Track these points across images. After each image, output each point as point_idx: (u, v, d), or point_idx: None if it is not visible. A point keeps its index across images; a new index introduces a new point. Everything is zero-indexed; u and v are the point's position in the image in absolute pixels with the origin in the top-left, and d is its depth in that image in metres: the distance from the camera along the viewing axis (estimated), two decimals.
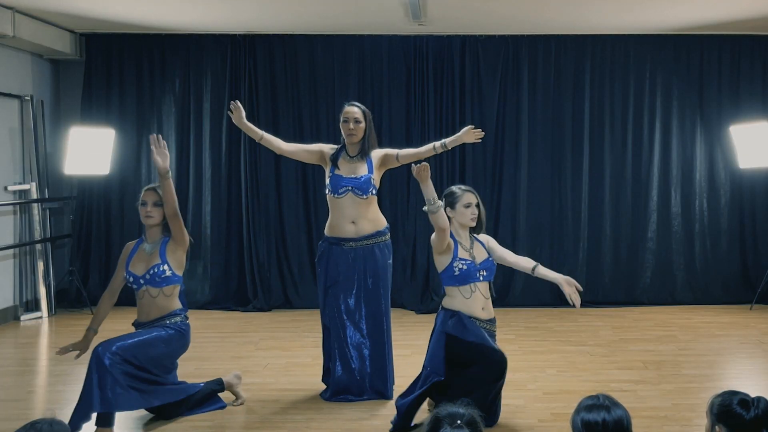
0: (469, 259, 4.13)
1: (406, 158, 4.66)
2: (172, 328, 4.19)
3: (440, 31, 7.33)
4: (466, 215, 4.17)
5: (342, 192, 4.53)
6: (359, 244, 4.56)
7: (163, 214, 4.20)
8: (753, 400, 2.47)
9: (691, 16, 6.73)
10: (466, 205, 4.17)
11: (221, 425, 4.21)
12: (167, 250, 4.21)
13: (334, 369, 4.61)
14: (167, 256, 4.20)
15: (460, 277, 4.11)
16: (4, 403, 4.59)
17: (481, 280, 4.15)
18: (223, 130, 7.50)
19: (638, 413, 4.06)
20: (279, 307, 7.44)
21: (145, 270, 4.17)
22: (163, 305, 4.20)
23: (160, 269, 4.16)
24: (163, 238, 4.23)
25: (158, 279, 4.16)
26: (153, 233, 4.25)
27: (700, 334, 6.31)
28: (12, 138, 7.06)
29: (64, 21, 7.01)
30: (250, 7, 6.48)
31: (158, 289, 4.18)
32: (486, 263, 4.18)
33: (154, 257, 4.19)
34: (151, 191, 4.23)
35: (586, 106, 7.51)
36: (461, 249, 4.14)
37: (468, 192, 4.22)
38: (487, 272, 4.19)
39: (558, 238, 7.56)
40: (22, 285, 7.11)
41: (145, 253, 4.22)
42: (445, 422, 2.09)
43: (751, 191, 7.50)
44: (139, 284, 4.19)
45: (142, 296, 4.20)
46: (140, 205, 4.24)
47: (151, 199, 4.20)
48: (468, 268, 4.10)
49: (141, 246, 4.27)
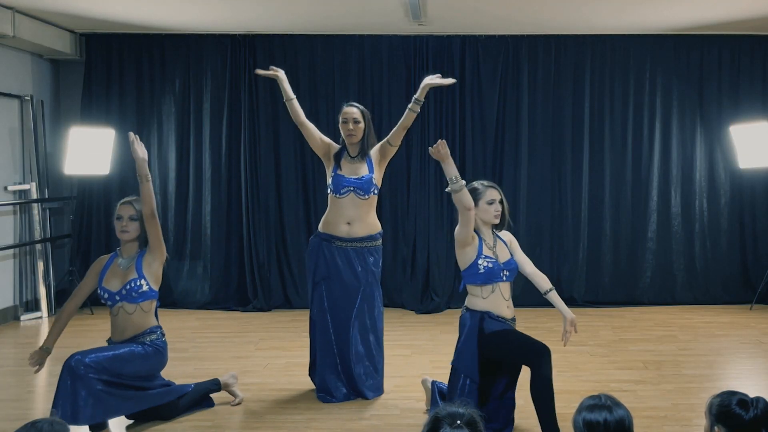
0: (493, 257, 3.98)
1: (396, 137, 4.62)
2: (150, 345, 4.05)
3: (440, 31, 7.33)
4: (490, 212, 4.00)
5: (344, 192, 4.54)
6: (349, 245, 4.57)
7: (140, 228, 4.08)
8: (752, 400, 2.47)
9: (691, 16, 6.73)
10: (489, 202, 4.01)
11: (221, 425, 4.21)
12: (143, 263, 4.08)
13: (318, 365, 4.62)
14: (144, 270, 4.07)
15: (484, 276, 3.94)
16: (4, 403, 4.59)
17: (504, 280, 3.99)
18: (223, 130, 7.50)
19: (638, 413, 4.05)
20: (279, 307, 7.44)
21: (120, 285, 4.02)
22: (138, 322, 4.05)
23: (137, 284, 4.02)
24: (139, 252, 4.11)
25: (135, 294, 4.02)
26: (128, 248, 4.13)
27: (700, 334, 6.31)
28: (12, 138, 7.06)
29: (64, 21, 7.01)
30: (250, 7, 6.48)
31: (135, 305, 4.03)
32: (509, 263, 4.02)
33: (131, 272, 4.05)
34: (127, 205, 4.10)
35: (586, 106, 7.51)
36: (485, 246, 3.97)
37: (491, 188, 4.05)
38: (510, 273, 4.03)
39: (558, 238, 7.56)
40: (22, 285, 7.11)
41: (120, 269, 4.08)
42: (444, 422, 2.09)
43: (751, 191, 7.50)
44: (114, 300, 4.02)
45: (117, 313, 4.03)
46: (115, 220, 4.10)
47: (126, 213, 4.08)
48: (493, 266, 3.94)
49: (115, 261, 4.13)
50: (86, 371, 3.78)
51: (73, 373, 3.77)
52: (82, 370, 3.77)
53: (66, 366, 3.80)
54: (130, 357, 3.95)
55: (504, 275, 3.99)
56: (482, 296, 3.97)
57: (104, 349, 4.00)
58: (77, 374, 3.77)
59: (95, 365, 3.81)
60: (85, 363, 3.79)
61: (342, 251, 4.57)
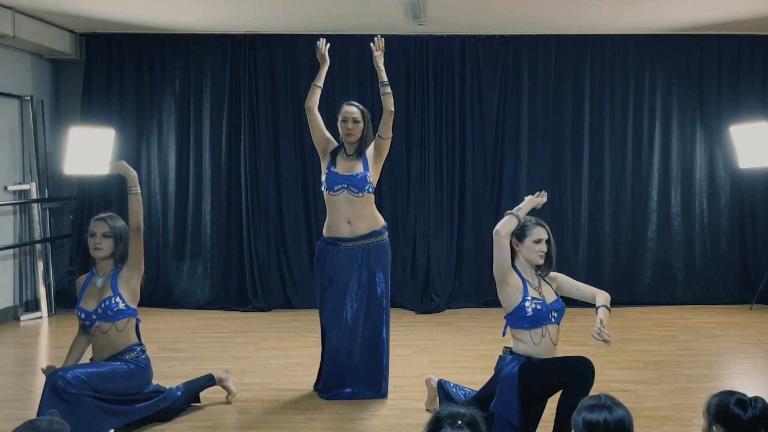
0: (540, 298, 3.75)
1: (384, 128, 4.59)
2: (132, 362, 3.96)
3: (440, 31, 7.33)
4: (534, 251, 3.77)
5: (338, 189, 4.53)
6: (355, 244, 4.56)
7: (113, 245, 3.97)
8: (750, 400, 2.47)
9: (691, 16, 6.73)
10: (536, 241, 3.77)
11: (221, 425, 4.21)
12: (119, 280, 3.97)
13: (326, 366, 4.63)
14: (119, 288, 3.96)
15: (532, 319, 3.71)
16: (4, 403, 4.59)
17: (552, 322, 3.77)
18: (223, 130, 7.50)
19: (638, 413, 4.06)
20: (279, 307, 7.44)
21: (96, 304, 3.93)
22: (116, 341, 3.95)
23: (112, 302, 3.91)
24: (114, 269, 4.00)
25: (110, 313, 3.91)
26: (104, 266, 4.01)
27: (700, 334, 6.31)
28: (12, 138, 7.06)
29: (64, 21, 7.01)
30: (250, 7, 6.48)
31: (110, 324, 3.92)
32: (556, 304, 3.81)
33: (106, 290, 3.95)
34: (101, 221, 4.00)
35: (586, 106, 7.51)
36: (530, 288, 3.75)
37: (539, 226, 3.80)
38: (558, 313, 3.81)
39: (558, 238, 7.51)
40: (22, 285, 7.11)
41: (96, 288, 3.99)
42: (445, 422, 2.09)
43: (751, 191, 7.50)
44: (91, 320, 3.93)
45: (94, 333, 3.95)
46: (88, 237, 3.98)
47: (100, 230, 3.97)
48: (541, 308, 3.71)
49: (92, 280, 4.03)
50: (66, 387, 3.69)
51: (55, 389, 3.68)
52: (61, 385, 3.68)
53: (47, 382, 3.71)
54: (112, 375, 3.87)
55: (552, 317, 3.78)
56: (533, 341, 3.73)
57: (87, 365, 3.91)
58: (57, 390, 3.68)
59: (77, 382, 3.72)
60: (66, 379, 3.70)
61: (349, 252, 4.55)
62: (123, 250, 4.00)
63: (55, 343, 6.28)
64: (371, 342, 4.59)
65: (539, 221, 3.85)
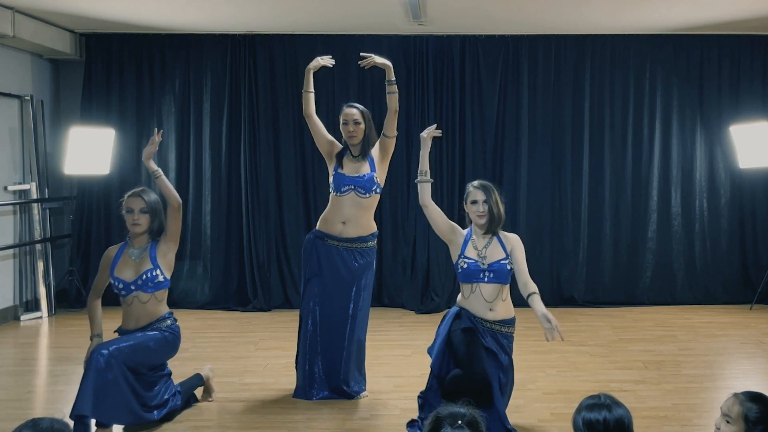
0: (475, 258, 4.00)
1: (389, 127, 4.62)
2: (166, 331, 4.13)
3: (440, 31, 7.33)
4: (472, 211, 4.06)
5: (345, 191, 4.55)
6: (339, 245, 4.58)
7: (150, 219, 4.10)
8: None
9: (691, 16, 6.73)
10: (472, 202, 4.07)
11: (221, 425, 4.21)
12: (158, 253, 4.13)
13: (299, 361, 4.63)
14: (158, 260, 4.11)
15: (463, 275, 4.03)
16: (4, 403, 4.59)
17: (485, 281, 3.98)
18: (223, 130, 7.50)
19: (638, 413, 4.05)
20: (279, 307, 7.44)
21: (135, 275, 4.07)
22: (153, 310, 4.11)
23: (153, 274, 4.07)
24: (151, 242, 4.15)
25: (151, 284, 4.07)
26: (140, 239, 4.15)
27: (700, 334, 6.31)
28: (12, 138, 7.06)
29: (64, 21, 7.01)
30: (250, 7, 6.48)
31: (149, 294, 4.08)
32: (496, 265, 3.99)
33: (145, 262, 4.09)
34: (137, 198, 4.11)
35: (586, 106, 7.51)
36: (470, 247, 4.03)
37: (475, 189, 4.08)
38: (495, 274, 3.98)
39: (558, 238, 7.56)
40: (22, 285, 7.11)
41: (132, 259, 4.12)
42: (446, 422, 2.09)
43: (751, 191, 7.50)
44: (129, 290, 4.07)
45: (131, 302, 4.08)
46: (125, 212, 4.11)
47: (137, 206, 4.10)
48: (469, 266, 3.99)
49: (126, 251, 4.16)
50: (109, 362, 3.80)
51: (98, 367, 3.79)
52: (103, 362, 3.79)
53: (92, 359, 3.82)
54: (147, 344, 4.01)
55: (486, 276, 3.99)
56: (464, 295, 4.05)
57: (125, 339, 4.00)
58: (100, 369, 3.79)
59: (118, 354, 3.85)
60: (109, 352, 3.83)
61: (334, 250, 4.58)
62: (158, 224, 4.15)
63: (55, 343, 6.28)
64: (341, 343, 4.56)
65: (479, 184, 4.12)
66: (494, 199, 4.08)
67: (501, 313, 4.02)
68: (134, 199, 4.12)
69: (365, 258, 4.62)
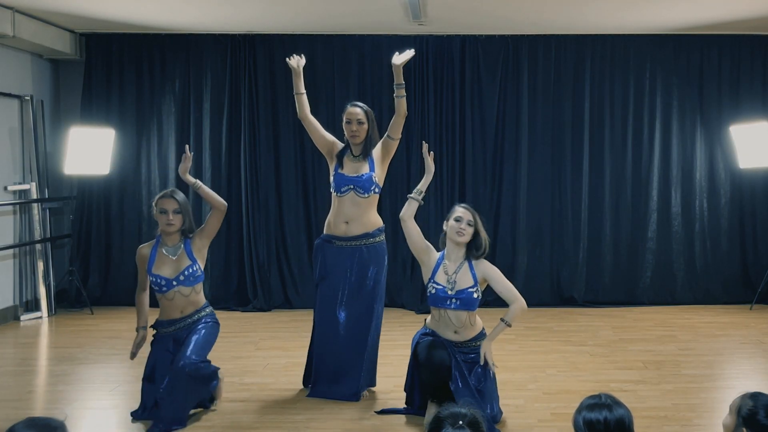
0: (443, 284, 4.06)
1: (395, 129, 4.61)
2: (210, 319, 4.34)
3: (440, 31, 7.33)
4: (453, 228, 4.08)
5: (344, 190, 4.55)
6: (347, 244, 4.59)
7: (182, 219, 4.26)
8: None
9: (691, 16, 6.73)
10: (456, 219, 4.09)
11: (221, 425, 4.21)
12: (193, 249, 4.30)
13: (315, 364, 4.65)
14: (195, 256, 4.30)
15: (431, 299, 4.12)
16: (4, 403, 4.59)
17: (452, 308, 4.05)
18: (223, 130, 7.50)
19: (638, 413, 4.04)
20: (279, 307, 7.44)
21: (176, 272, 4.23)
22: (195, 300, 4.31)
23: (193, 269, 4.26)
24: (184, 240, 4.31)
25: (192, 278, 4.26)
26: (173, 238, 4.30)
27: (700, 334, 6.31)
28: (12, 138, 7.06)
29: (64, 21, 7.01)
30: (250, 7, 6.48)
31: (190, 288, 4.27)
32: (464, 293, 4.04)
33: (183, 259, 4.27)
34: (169, 199, 4.24)
35: (586, 106, 7.51)
36: (441, 271, 4.08)
37: (463, 208, 4.13)
38: (462, 302, 4.04)
39: (558, 238, 7.56)
40: (22, 285, 7.11)
41: (169, 257, 4.27)
42: (446, 422, 2.09)
43: (751, 191, 7.50)
44: (170, 286, 4.23)
45: (173, 297, 4.25)
46: (159, 213, 4.24)
47: (171, 207, 4.23)
48: (437, 292, 4.06)
49: (159, 249, 4.29)
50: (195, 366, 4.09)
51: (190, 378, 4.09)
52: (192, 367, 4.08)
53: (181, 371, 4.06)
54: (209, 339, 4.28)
55: (452, 303, 4.05)
56: (433, 317, 4.16)
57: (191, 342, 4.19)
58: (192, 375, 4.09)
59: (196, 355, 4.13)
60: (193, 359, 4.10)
61: (340, 251, 4.59)
62: (189, 223, 4.31)
63: (55, 343, 6.28)
64: (356, 343, 4.58)
65: (467, 206, 4.16)
66: (479, 225, 4.12)
67: (467, 335, 4.12)
68: (167, 200, 4.25)
69: (374, 254, 4.62)
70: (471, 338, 4.12)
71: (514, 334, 6.31)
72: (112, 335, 6.34)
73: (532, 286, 7.48)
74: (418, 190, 4.26)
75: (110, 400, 4.66)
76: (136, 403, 4.45)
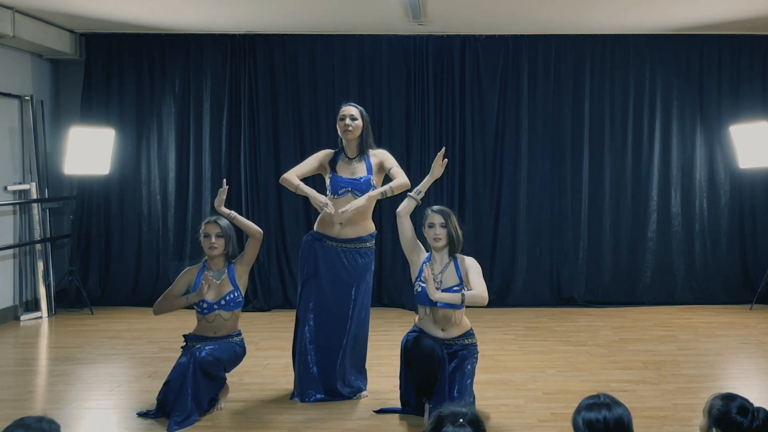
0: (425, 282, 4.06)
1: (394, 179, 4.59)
2: (239, 345, 4.50)
3: (440, 31, 7.33)
4: (429, 236, 4.20)
5: (342, 192, 4.55)
6: (338, 246, 4.58)
7: (225, 244, 4.46)
8: (753, 409, 2.45)
9: (691, 16, 6.73)
10: (429, 225, 4.21)
11: (221, 425, 4.21)
12: (236, 275, 4.48)
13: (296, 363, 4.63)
14: (237, 282, 4.47)
15: (418, 297, 4.18)
16: (4, 403, 4.59)
17: (437, 306, 4.10)
18: (223, 130, 7.50)
19: (638, 413, 4.06)
20: (279, 307, 7.44)
21: (218, 296, 4.41)
22: (231, 325, 4.48)
23: (235, 295, 4.44)
24: (228, 265, 4.50)
25: (233, 304, 4.43)
26: (217, 262, 4.49)
27: (700, 334, 6.31)
28: (12, 138, 7.06)
29: (64, 21, 7.01)
30: (250, 7, 6.48)
31: (231, 312, 4.44)
32: (449, 291, 4.10)
33: (226, 285, 4.44)
34: (213, 224, 4.46)
35: (586, 106, 7.51)
36: (427, 269, 4.08)
37: (433, 213, 4.22)
38: None
39: (558, 238, 7.56)
40: (22, 285, 7.11)
41: (214, 281, 4.44)
42: (447, 421, 2.09)
43: (751, 191, 7.50)
44: (212, 309, 4.40)
45: (213, 319, 4.42)
46: (203, 238, 4.45)
47: (214, 231, 4.44)
48: (423, 290, 4.09)
49: (205, 273, 4.47)
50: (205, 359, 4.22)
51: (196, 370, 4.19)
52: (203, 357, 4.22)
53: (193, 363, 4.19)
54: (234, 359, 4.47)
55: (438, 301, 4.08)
56: (421, 315, 4.22)
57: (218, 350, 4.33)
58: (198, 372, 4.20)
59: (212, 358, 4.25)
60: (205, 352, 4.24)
61: (332, 251, 4.58)
62: (232, 248, 4.52)
63: (55, 343, 6.28)
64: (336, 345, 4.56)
65: (438, 209, 4.25)
66: (452, 224, 4.20)
67: (454, 333, 4.19)
68: (210, 225, 4.48)
69: (365, 258, 4.62)
70: (457, 336, 4.20)
71: (514, 334, 6.31)
72: (112, 335, 6.35)
73: (532, 286, 7.49)
74: (418, 190, 4.33)
75: (110, 400, 4.65)
76: (136, 403, 4.46)
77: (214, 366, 4.28)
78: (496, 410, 4.37)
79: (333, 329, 4.57)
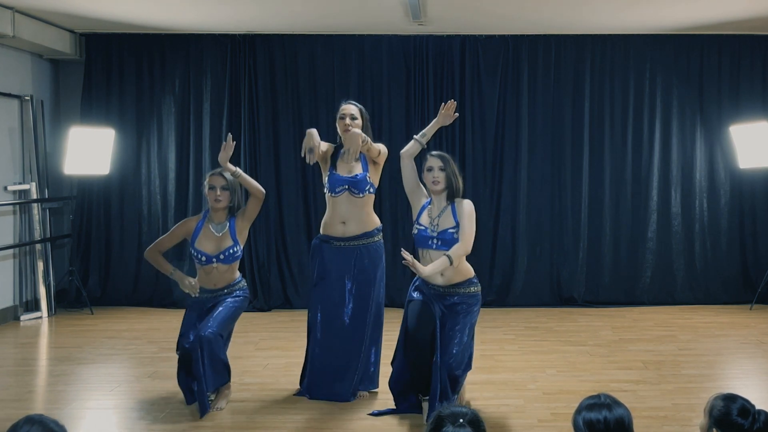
0: (426, 225, 4.14)
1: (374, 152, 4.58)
2: (240, 294, 4.54)
3: (440, 31, 7.33)
4: (428, 179, 4.21)
5: (339, 191, 4.55)
6: (346, 244, 4.58)
7: (230, 196, 4.44)
8: (755, 412, 2.45)
9: (691, 16, 6.73)
10: (428, 169, 4.22)
11: (221, 425, 4.21)
12: (236, 230, 4.48)
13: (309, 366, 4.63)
14: (237, 236, 4.47)
15: (416, 240, 4.20)
16: (4, 403, 4.59)
17: (434, 248, 4.11)
18: (223, 130, 7.49)
19: (638, 413, 4.06)
20: (279, 307, 7.44)
21: (217, 250, 4.43)
22: (229, 276, 4.51)
23: (235, 249, 4.45)
24: (230, 219, 4.49)
25: (231, 258, 4.45)
26: (219, 215, 4.49)
27: (700, 334, 6.31)
28: (12, 138, 7.06)
29: (64, 21, 7.01)
30: (250, 7, 6.48)
31: (228, 266, 4.47)
32: (445, 234, 4.11)
33: (226, 238, 4.45)
34: (218, 176, 4.43)
35: (586, 106, 7.51)
36: (425, 214, 4.17)
37: (432, 157, 4.24)
38: (443, 242, 4.10)
39: (558, 238, 7.56)
40: (22, 285, 7.11)
41: (213, 233, 4.46)
42: (447, 421, 2.10)
43: (751, 191, 7.50)
44: (210, 261, 4.44)
45: (210, 271, 4.46)
46: (208, 189, 4.43)
47: (219, 183, 4.41)
48: (420, 233, 4.14)
49: (206, 225, 4.49)
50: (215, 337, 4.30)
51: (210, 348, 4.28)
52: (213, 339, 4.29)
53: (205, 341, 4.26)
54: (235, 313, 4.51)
55: (434, 243, 4.11)
56: (418, 259, 4.16)
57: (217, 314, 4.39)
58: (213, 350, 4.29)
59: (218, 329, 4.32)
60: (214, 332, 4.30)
61: (339, 251, 4.58)
62: (237, 200, 4.50)
63: (55, 343, 6.28)
64: (354, 344, 4.57)
65: (437, 153, 4.28)
66: (451, 168, 4.24)
67: (452, 278, 4.14)
68: (216, 177, 4.45)
69: (374, 253, 4.62)
70: (458, 282, 4.15)
71: (514, 334, 6.31)
72: (112, 335, 6.35)
73: (532, 286, 7.49)
74: (423, 134, 4.36)
75: (110, 400, 4.65)
76: (136, 403, 4.46)
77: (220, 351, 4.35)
78: (496, 410, 4.37)
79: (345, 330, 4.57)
